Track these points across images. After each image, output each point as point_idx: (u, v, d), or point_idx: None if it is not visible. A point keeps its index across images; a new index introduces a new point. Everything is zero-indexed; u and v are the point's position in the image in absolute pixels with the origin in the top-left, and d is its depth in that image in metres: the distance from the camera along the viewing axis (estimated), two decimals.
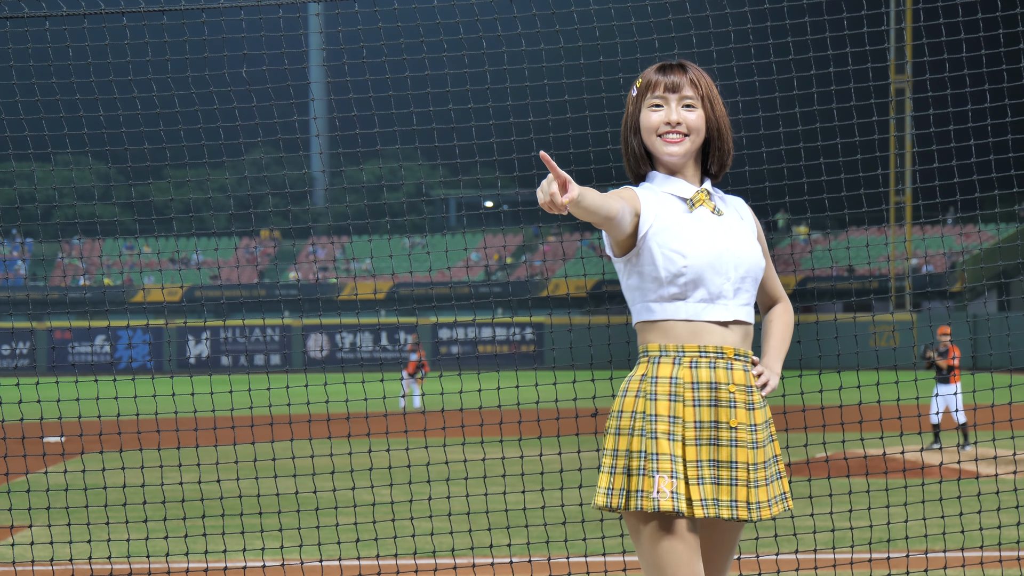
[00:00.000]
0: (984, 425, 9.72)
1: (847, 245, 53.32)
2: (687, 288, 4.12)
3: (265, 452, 11.61)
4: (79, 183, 40.66)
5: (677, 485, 4.01)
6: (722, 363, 4.13)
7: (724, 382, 4.11)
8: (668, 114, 4.19)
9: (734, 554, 4.25)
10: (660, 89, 4.22)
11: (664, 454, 4.03)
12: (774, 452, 4.22)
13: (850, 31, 9.56)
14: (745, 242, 4.22)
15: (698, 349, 4.12)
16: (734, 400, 4.11)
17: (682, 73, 4.24)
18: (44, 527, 10.98)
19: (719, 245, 4.16)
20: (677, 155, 4.18)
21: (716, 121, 4.23)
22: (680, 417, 4.08)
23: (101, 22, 9.27)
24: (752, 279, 4.21)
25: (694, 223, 4.18)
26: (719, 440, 4.08)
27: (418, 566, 8.78)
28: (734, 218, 4.28)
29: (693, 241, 4.13)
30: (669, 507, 3.99)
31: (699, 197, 4.23)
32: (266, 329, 52.55)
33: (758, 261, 4.23)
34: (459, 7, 9.40)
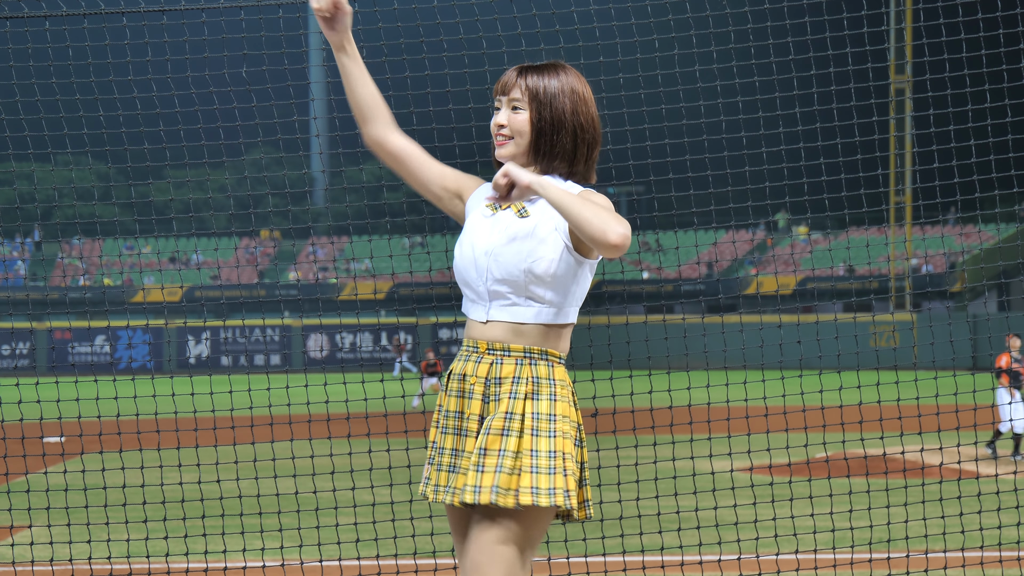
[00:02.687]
0: (985, 425, 9.70)
1: (847, 245, 53.37)
2: (461, 284, 4.32)
3: (265, 452, 11.61)
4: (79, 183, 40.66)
5: (429, 471, 4.28)
6: (474, 356, 4.26)
7: (469, 373, 4.24)
8: (498, 116, 4.32)
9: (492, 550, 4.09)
10: (496, 93, 4.36)
11: (431, 442, 4.31)
12: (527, 447, 4.11)
13: (850, 31, 9.56)
14: (515, 243, 4.20)
15: (465, 344, 4.33)
16: (473, 392, 4.22)
17: (517, 75, 4.33)
18: (44, 527, 10.98)
19: (481, 247, 4.23)
20: (502, 157, 4.27)
21: (542, 124, 4.24)
22: (442, 405, 4.30)
23: (101, 22, 9.27)
24: (516, 284, 4.19)
25: (479, 224, 4.27)
26: (465, 430, 4.22)
27: (418, 566, 8.78)
28: (537, 220, 4.22)
29: (464, 241, 4.28)
30: (420, 492, 4.29)
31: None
32: (266, 329, 52.54)
33: (521, 263, 4.17)
34: (459, 7, 9.40)
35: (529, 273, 4.18)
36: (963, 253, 54.99)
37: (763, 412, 10.30)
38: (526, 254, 4.19)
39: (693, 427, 9.41)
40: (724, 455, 9.59)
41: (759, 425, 11.65)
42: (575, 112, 4.25)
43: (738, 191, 10.02)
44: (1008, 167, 10.06)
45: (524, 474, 4.10)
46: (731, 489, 9.80)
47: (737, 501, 10.84)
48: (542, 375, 4.20)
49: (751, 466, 11.19)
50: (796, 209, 42.12)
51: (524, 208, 4.26)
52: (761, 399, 9.75)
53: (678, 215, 9.74)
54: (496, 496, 4.06)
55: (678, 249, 12.73)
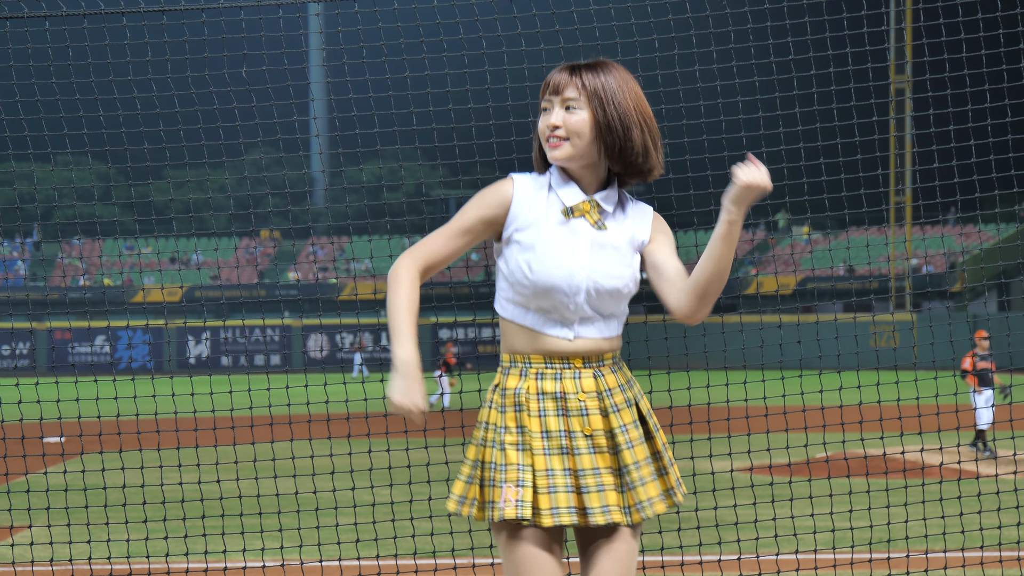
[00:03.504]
0: (979, 425, 9.70)
1: (847, 245, 53.37)
2: (529, 301, 4.04)
3: (265, 452, 11.61)
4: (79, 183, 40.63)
5: (523, 493, 3.97)
6: (568, 372, 4.03)
7: (572, 391, 4.02)
8: (550, 117, 4.07)
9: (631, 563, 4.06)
10: (547, 92, 4.10)
11: (511, 464, 3.99)
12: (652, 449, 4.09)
13: (850, 31, 9.56)
14: (613, 262, 4.06)
15: (543, 359, 4.05)
16: (585, 408, 4.02)
17: (569, 74, 4.07)
18: (44, 527, 10.98)
19: (573, 266, 4.01)
20: (558, 160, 4.05)
21: (608, 121, 4.03)
22: (526, 427, 4.02)
23: (101, 22, 9.27)
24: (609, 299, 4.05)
25: (559, 237, 4.04)
26: (576, 449, 4.01)
27: (418, 566, 8.78)
28: (616, 234, 4.09)
29: (547, 257, 4.01)
30: (512, 515, 3.96)
31: (582, 207, 4.07)
32: (266, 329, 52.55)
33: (619, 282, 4.05)
34: (459, 7, 9.40)
35: (626, 294, 4.08)
36: (963, 253, 55.00)
37: (763, 412, 10.30)
38: (623, 274, 4.07)
39: (693, 427, 9.41)
40: (724, 455, 9.59)
41: (759, 425, 11.65)
42: (637, 107, 4.07)
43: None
44: (1008, 167, 10.06)
45: (668, 475, 4.09)
46: (731, 489, 9.80)
47: (737, 501, 10.84)
48: (629, 376, 4.14)
49: (751, 466, 11.20)
50: (796, 209, 42.12)
51: (603, 219, 4.08)
52: (761, 399, 9.75)
53: (678, 215, 9.73)
54: (665, 502, 4.05)
55: (678, 249, 12.72)
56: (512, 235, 4.06)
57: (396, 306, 4.08)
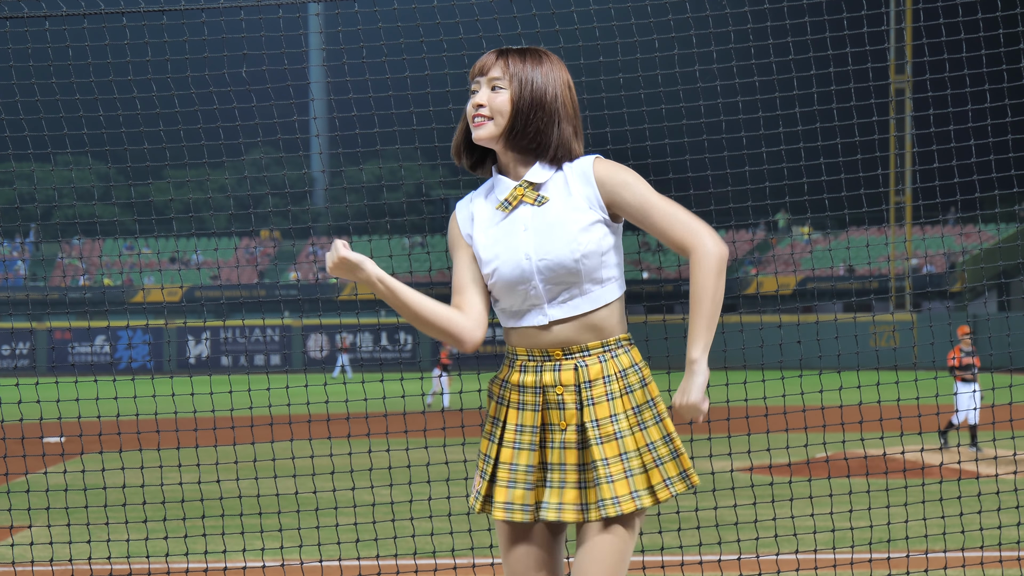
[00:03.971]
0: (984, 425, 9.71)
1: (847, 245, 53.36)
2: (502, 302, 4.07)
3: (265, 452, 11.61)
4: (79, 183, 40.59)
5: (482, 485, 4.04)
6: (549, 365, 4.01)
7: (551, 384, 4.00)
8: (477, 96, 4.08)
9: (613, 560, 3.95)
10: (475, 74, 4.12)
11: (487, 455, 4.06)
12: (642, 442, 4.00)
13: (850, 31, 9.56)
14: (558, 234, 4.00)
15: (526, 352, 4.05)
16: (563, 401, 3.99)
17: (496, 56, 4.09)
18: (44, 527, 10.98)
19: (519, 253, 4.01)
20: (481, 139, 4.05)
21: (523, 101, 4.03)
22: (499, 418, 4.06)
23: (101, 22, 9.27)
24: (565, 271, 3.99)
25: (501, 233, 4.05)
26: (551, 443, 3.99)
27: (418, 566, 8.78)
28: (558, 204, 4.03)
29: (495, 254, 4.04)
30: (476, 508, 4.05)
31: (516, 194, 4.06)
32: (266, 329, 52.55)
33: (568, 251, 3.98)
34: (459, 7, 9.40)
35: (581, 259, 3.98)
36: (963, 253, 55.00)
37: (763, 412, 10.30)
38: (569, 240, 3.99)
39: (693, 427, 9.40)
40: (724, 455, 9.59)
41: (759, 425, 11.65)
42: (561, 94, 4.06)
43: (738, 191, 10.03)
44: (1008, 167, 10.06)
45: (653, 470, 3.99)
46: (731, 489, 9.80)
47: (737, 501, 10.84)
48: (626, 365, 4.02)
49: (751, 466, 11.19)
50: (796, 209, 42.11)
51: (540, 196, 4.05)
52: (761, 399, 9.75)
53: None
54: (639, 500, 3.93)
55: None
56: (474, 250, 4.12)
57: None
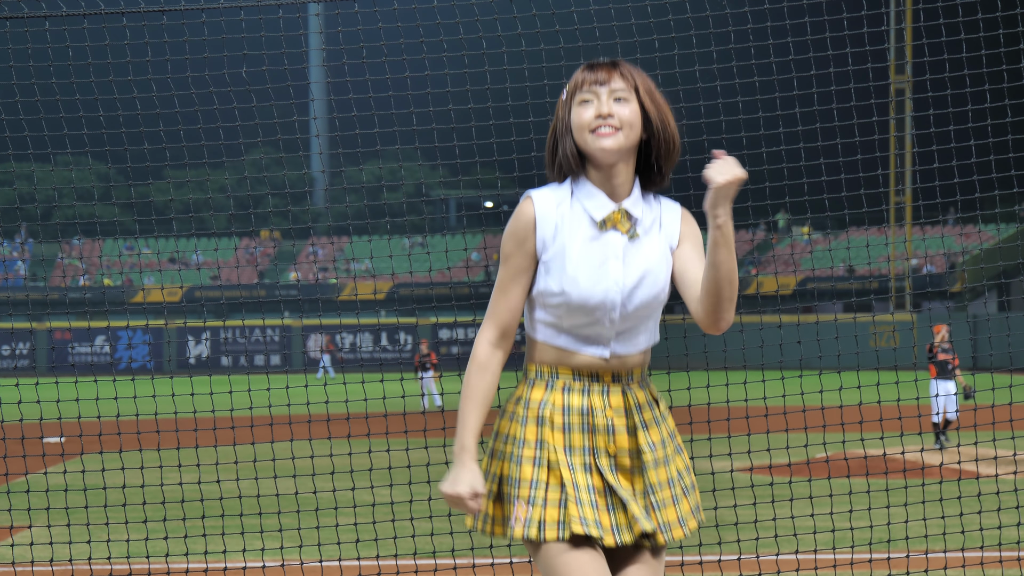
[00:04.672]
0: (984, 425, 9.71)
1: (847, 245, 53.36)
2: (563, 320, 3.90)
3: (265, 452, 11.61)
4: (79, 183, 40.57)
5: (532, 512, 3.85)
6: (597, 388, 3.91)
7: (600, 407, 3.90)
8: (599, 107, 3.87)
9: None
10: (588, 85, 3.91)
11: (525, 480, 3.88)
12: (675, 471, 4.00)
13: (850, 31, 9.56)
14: (646, 276, 3.91)
15: (571, 373, 3.92)
16: (612, 425, 3.91)
17: (611, 68, 3.93)
18: (44, 527, 10.98)
19: (609, 280, 3.87)
20: (611, 148, 3.85)
21: (657, 113, 3.91)
22: (547, 441, 3.89)
23: (101, 22, 9.27)
24: (645, 313, 3.92)
25: (591, 254, 3.89)
26: (599, 468, 3.90)
27: (418, 566, 8.78)
28: (648, 243, 3.94)
29: (579, 277, 3.87)
30: (519, 535, 3.86)
31: (613, 217, 3.91)
32: (266, 329, 52.55)
33: (654, 293, 3.92)
34: (459, 7, 9.40)
35: (660, 305, 3.94)
36: (963, 253, 55.00)
37: (763, 412, 10.30)
38: (657, 284, 3.92)
39: (693, 427, 9.40)
40: (724, 455, 9.59)
41: (759, 425, 11.64)
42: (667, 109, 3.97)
43: (738, 191, 10.01)
44: (1008, 167, 10.06)
45: (682, 500, 3.97)
46: (731, 489, 9.80)
47: (737, 501, 10.84)
48: (655, 393, 4.01)
49: (751, 466, 11.20)
50: (796, 209, 42.11)
51: (634, 228, 3.92)
52: (761, 399, 9.75)
53: None
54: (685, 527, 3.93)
55: None
56: (543, 256, 3.92)
57: (469, 395, 3.92)
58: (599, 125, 3.87)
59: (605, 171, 3.92)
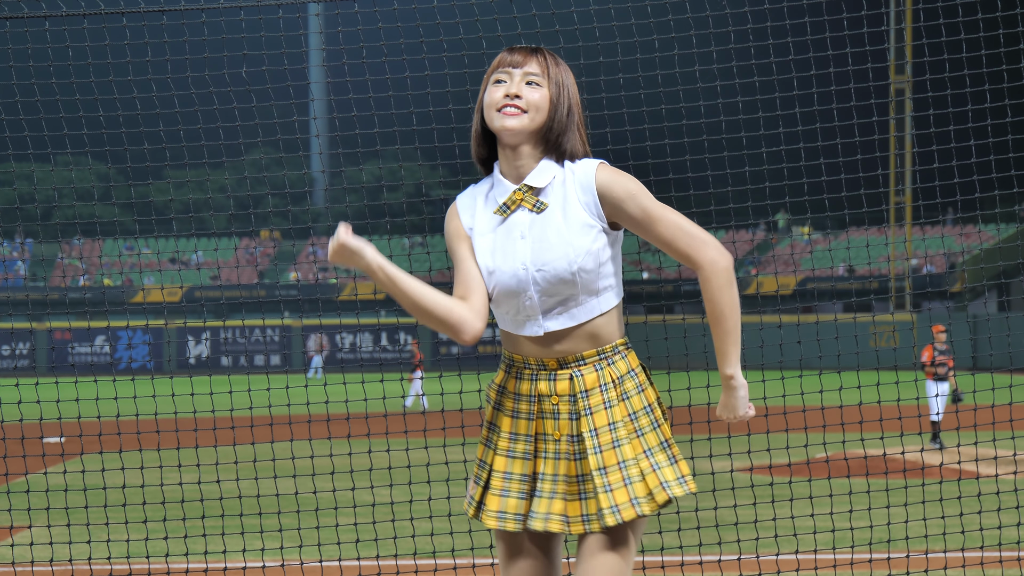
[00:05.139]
0: (984, 425, 9.71)
1: (847, 245, 53.35)
2: (498, 307, 4.00)
3: (265, 452, 11.61)
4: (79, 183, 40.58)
5: (475, 491, 4.00)
6: (544, 375, 3.95)
7: (547, 393, 3.94)
8: (509, 87, 3.96)
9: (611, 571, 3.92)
10: (504, 66, 4.01)
11: (483, 460, 4.03)
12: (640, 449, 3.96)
13: (850, 31, 9.56)
14: (555, 246, 3.94)
15: (522, 360, 3.99)
16: (558, 411, 3.94)
17: (529, 52, 4.03)
18: (44, 527, 10.98)
19: (516, 262, 3.95)
20: (513, 129, 3.93)
21: (562, 101, 4.00)
22: (497, 424, 4.01)
23: (101, 22, 9.27)
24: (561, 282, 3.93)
25: (499, 238, 3.98)
26: (543, 452, 3.95)
27: (418, 566, 8.78)
28: (557, 211, 3.97)
29: (494, 261, 3.98)
30: (470, 514, 4.00)
31: (515, 198, 3.99)
32: (266, 329, 52.55)
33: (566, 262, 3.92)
34: (459, 7, 9.40)
35: (578, 271, 3.93)
36: (963, 253, 55.00)
37: (763, 412, 10.30)
38: (567, 252, 3.94)
39: (693, 427, 9.41)
40: (724, 455, 9.59)
41: (759, 425, 11.65)
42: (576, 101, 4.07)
43: (738, 191, 10.02)
44: (1008, 167, 10.06)
45: (650, 475, 3.94)
46: (731, 489, 9.81)
47: (737, 501, 10.84)
48: (623, 371, 3.98)
49: (751, 466, 11.19)
50: (796, 209, 42.12)
51: (539, 201, 3.99)
52: (761, 399, 9.75)
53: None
54: (639, 507, 3.88)
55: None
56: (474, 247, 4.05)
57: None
58: (506, 104, 3.96)
59: (510, 151, 4.02)
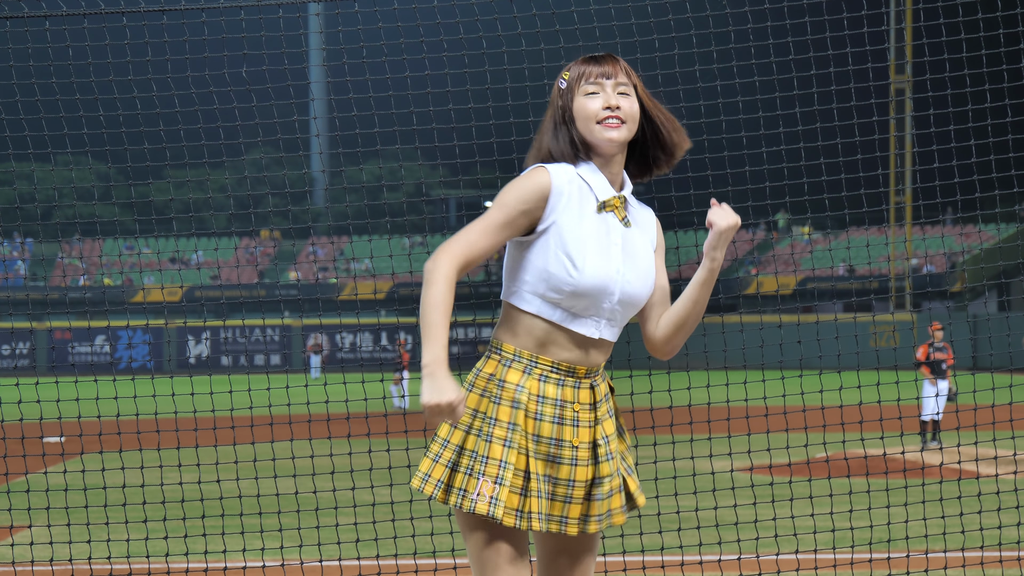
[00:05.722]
0: (984, 425, 9.71)
1: (847, 245, 53.35)
2: (564, 297, 3.95)
3: (265, 452, 11.61)
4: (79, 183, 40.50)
5: (499, 492, 3.90)
6: (571, 381, 3.99)
7: (570, 400, 3.99)
8: (607, 99, 4.00)
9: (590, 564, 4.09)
10: (595, 76, 4.05)
11: (494, 459, 3.91)
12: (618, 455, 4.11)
13: (850, 31, 9.56)
14: (640, 265, 4.05)
15: (551, 364, 3.97)
16: (578, 419, 3.99)
17: (614, 62, 4.08)
18: (44, 527, 10.98)
19: (613, 264, 3.98)
20: (617, 140, 3.99)
21: (651, 112, 4.08)
22: (520, 426, 3.95)
23: (101, 22, 9.27)
24: (634, 305, 4.04)
25: (597, 231, 3.98)
26: (560, 458, 3.98)
27: (418, 566, 8.78)
28: (638, 234, 4.09)
29: (588, 253, 3.94)
30: (484, 511, 3.89)
31: (613, 202, 4.03)
32: (266, 329, 52.55)
33: (645, 287, 4.05)
34: (459, 7, 9.40)
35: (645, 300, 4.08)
36: (963, 253, 55.00)
37: (763, 412, 10.30)
38: (650, 278, 4.08)
39: (693, 427, 9.41)
40: (724, 455, 9.59)
41: (759, 425, 11.65)
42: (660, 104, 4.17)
43: (738, 191, 10.03)
44: (1008, 167, 10.06)
45: (629, 479, 4.11)
46: (731, 489, 9.81)
47: (737, 501, 10.84)
48: (610, 385, 4.14)
49: (751, 466, 11.20)
50: (796, 209, 42.13)
51: (627, 217, 4.06)
52: (761, 399, 9.75)
53: (678, 215, 9.73)
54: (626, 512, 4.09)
55: (678, 249, 12.69)
56: (549, 228, 3.96)
57: (430, 306, 3.84)
58: (607, 116, 4.00)
59: (603, 161, 4.06)
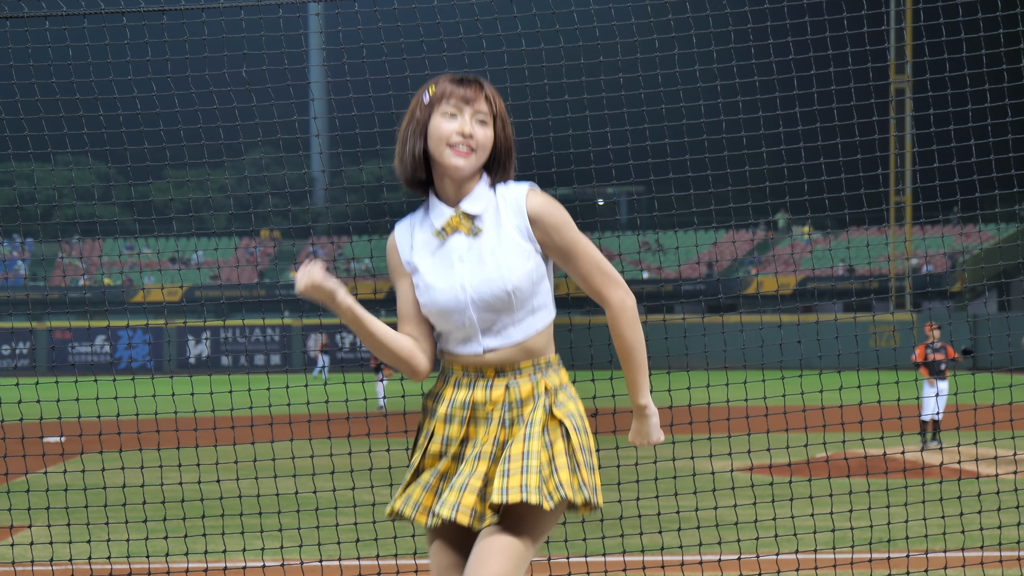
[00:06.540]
0: (984, 425, 9.71)
1: (847, 245, 53.36)
2: (438, 326, 4.16)
3: (265, 452, 11.61)
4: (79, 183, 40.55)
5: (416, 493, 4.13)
6: (482, 383, 4.10)
7: (481, 401, 4.09)
8: (462, 125, 4.09)
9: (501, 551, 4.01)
10: (456, 99, 4.12)
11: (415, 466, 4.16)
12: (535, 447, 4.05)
13: (850, 31, 9.56)
14: (488, 266, 4.09)
15: (461, 369, 4.14)
16: (491, 418, 4.08)
17: (479, 88, 4.15)
18: (44, 527, 10.98)
19: (455, 283, 4.09)
20: (460, 169, 4.09)
21: (505, 141, 4.18)
22: (432, 431, 4.15)
23: (101, 22, 9.27)
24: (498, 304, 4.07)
25: (437, 265, 4.14)
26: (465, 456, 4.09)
27: (418, 566, 8.78)
28: (492, 235, 4.11)
29: (432, 288, 4.12)
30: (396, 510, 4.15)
31: (452, 223, 4.14)
32: (266, 329, 52.55)
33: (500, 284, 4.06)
34: (459, 7, 9.40)
35: (513, 291, 4.07)
36: (963, 253, 54.99)
37: (763, 412, 10.30)
38: (504, 276, 4.08)
39: (693, 427, 9.41)
40: (724, 455, 9.59)
41: (759, 425, 11.65)
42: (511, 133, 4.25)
43: (738, 191, 10.03)
44: (1008, 167, 10.06)
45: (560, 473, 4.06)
46: (731, 489, 9.80)
47: (737, 501, 10.84)
48: (556, 384, 4.14)
49: (751, 466, 11.20)
50: (796, 209, 42.14)
51: (474, 225, 4.13)
52: (761, 399, 9.75)
53: (678, 215, 9.74)
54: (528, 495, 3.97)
55: (678, 249, 12.72)
56: (414, 272, 4.20)
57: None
58: (459, 143, 4.09)
59: (449, 179, 4.17)
